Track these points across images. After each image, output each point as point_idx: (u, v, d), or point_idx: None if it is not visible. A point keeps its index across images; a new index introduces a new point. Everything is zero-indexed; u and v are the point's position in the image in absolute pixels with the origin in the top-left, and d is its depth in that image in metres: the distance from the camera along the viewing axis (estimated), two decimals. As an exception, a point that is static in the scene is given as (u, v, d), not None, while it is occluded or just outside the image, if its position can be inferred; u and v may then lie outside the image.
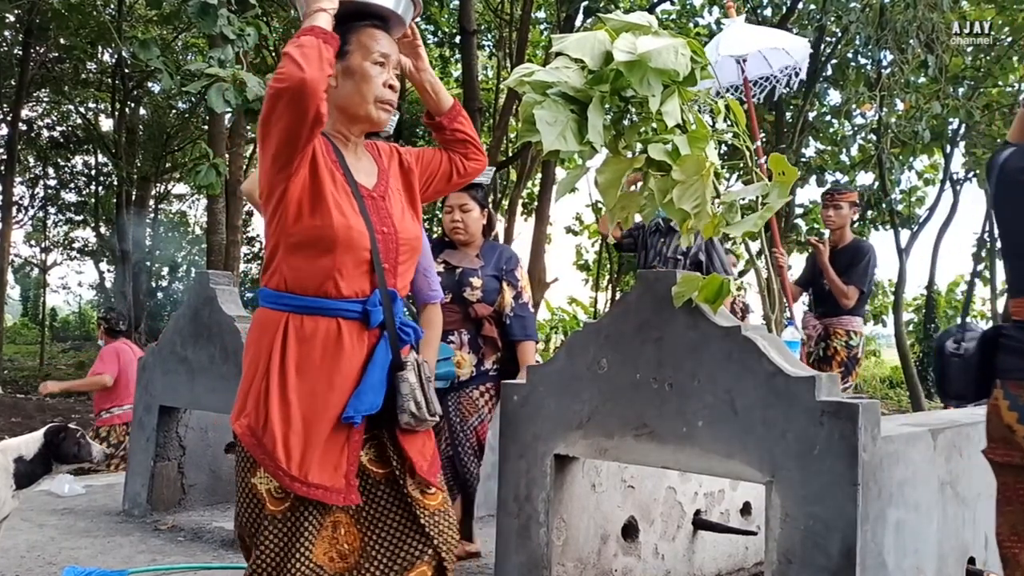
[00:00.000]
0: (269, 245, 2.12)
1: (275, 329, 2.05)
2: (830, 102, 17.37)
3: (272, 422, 1.99)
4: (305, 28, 1.96)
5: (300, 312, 2.06)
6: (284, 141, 1.96)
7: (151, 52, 6.66)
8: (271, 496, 2.02)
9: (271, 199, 2.06)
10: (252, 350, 2.10)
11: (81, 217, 24.26)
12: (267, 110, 1.94)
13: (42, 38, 17.64)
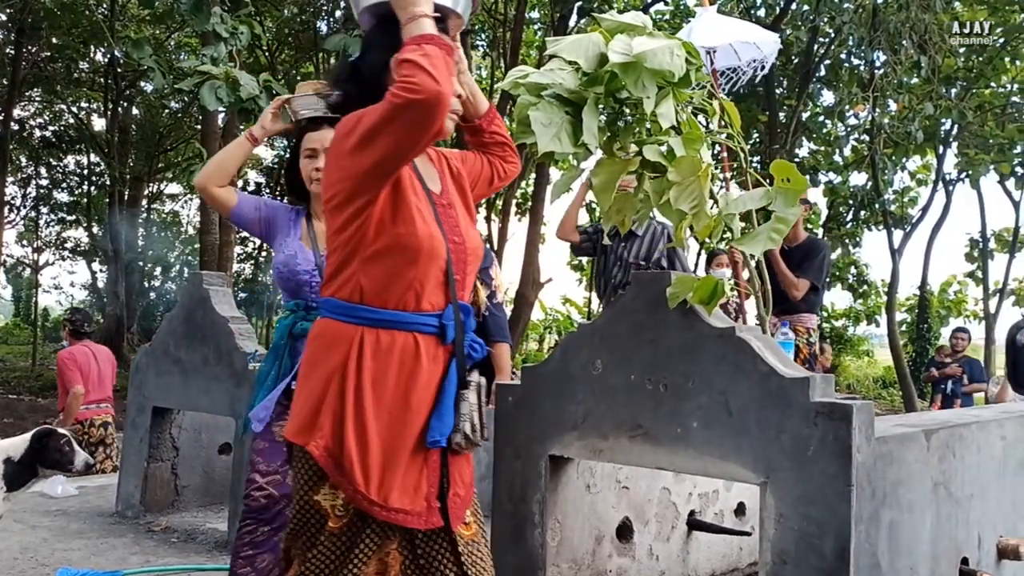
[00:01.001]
0: (340, 253, 2.00)
1: (348, 344, 1.94)
2: (823, 102, 17.44)
3: (349, 443, 1.90)
4: (422, 36, 1.85)
5: (376, 326, 1.95)
6: (396, 152, 1.87)
7: (144, 51, 6.65)
8: (334, 513, 1.94)
9: (348, 205, 1.94)
10: (322, 365, 1.97)
11: (73, 217, 24.21)
12: (385, 118, 1.82)
13: (34, 37, 17.60)
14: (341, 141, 1.93)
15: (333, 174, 1.97)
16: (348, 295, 1.98)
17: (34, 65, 18.69)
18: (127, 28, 16.52)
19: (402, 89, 1.77)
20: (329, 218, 2.03)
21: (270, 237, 2.90)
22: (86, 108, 21.90)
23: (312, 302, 2.78)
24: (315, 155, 2.78)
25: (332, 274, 2.02)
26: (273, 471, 2.78)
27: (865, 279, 22.94)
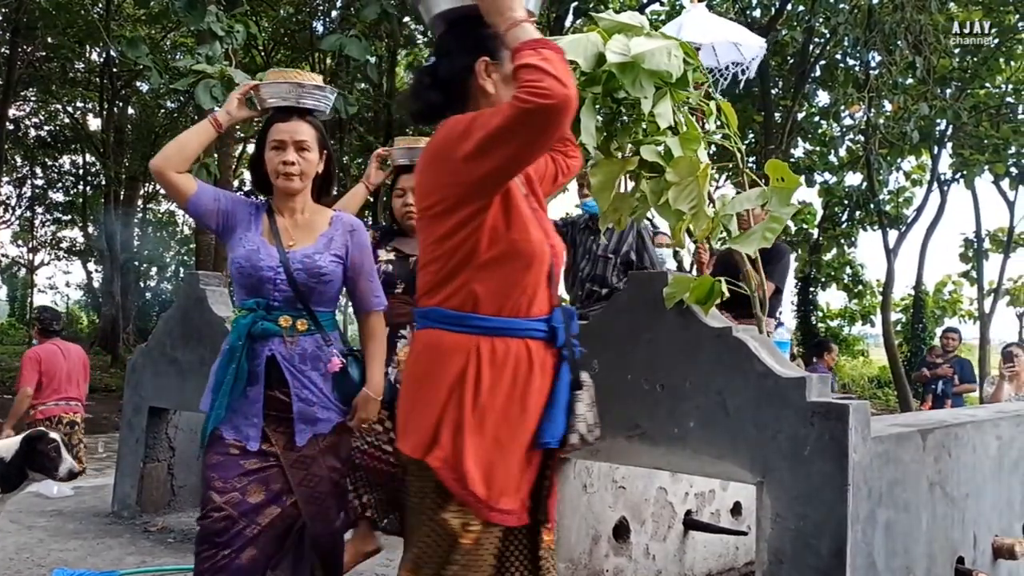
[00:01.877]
0: (444, 262, 1.95)
1: (465, 354, 1.90)
2: (819, 103, 17.45)
3: (467, 454, 1.87)
4: (535, 41, 1.81)
5: (491, 334, 1.92)
6: (517, 158, 1.85)
7: (139, 50, 6.64)
8: (464, 530, 1.90)
9: (455, 212, 1.90)
10: (437, 377, 1.92)
11: (69, 217, 24.18)
12: (511, 124, 1.78)
13: (29, 37, 17.56)
14: (450, 146, 1.87)
15: (436, 180, 1.92)
16: (459, 304, 1.93)
17: (29, 65, 18.65)
18: (123, 28, 16.49)
19: (531, 94, 1.74)
20: (427, 225, 1.97)
21: (227, 231, 2.67)
22: (81, 108, 21.87)
23: (274, 301, 2.58)
24: (283, 147, 2.60)
25: (437, 283, 1.96)
26: (231, 488, 2.53)
27: (860, 279, 22.97)
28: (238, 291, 2.64)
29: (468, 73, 1.98)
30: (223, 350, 2.62)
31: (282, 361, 2.56)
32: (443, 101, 2.01)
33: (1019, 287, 22.08)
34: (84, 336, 25.03)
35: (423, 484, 1.93)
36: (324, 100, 2.70)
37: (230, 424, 2.57)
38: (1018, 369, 7.22)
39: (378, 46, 14.98)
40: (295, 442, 2.55)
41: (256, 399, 2.57)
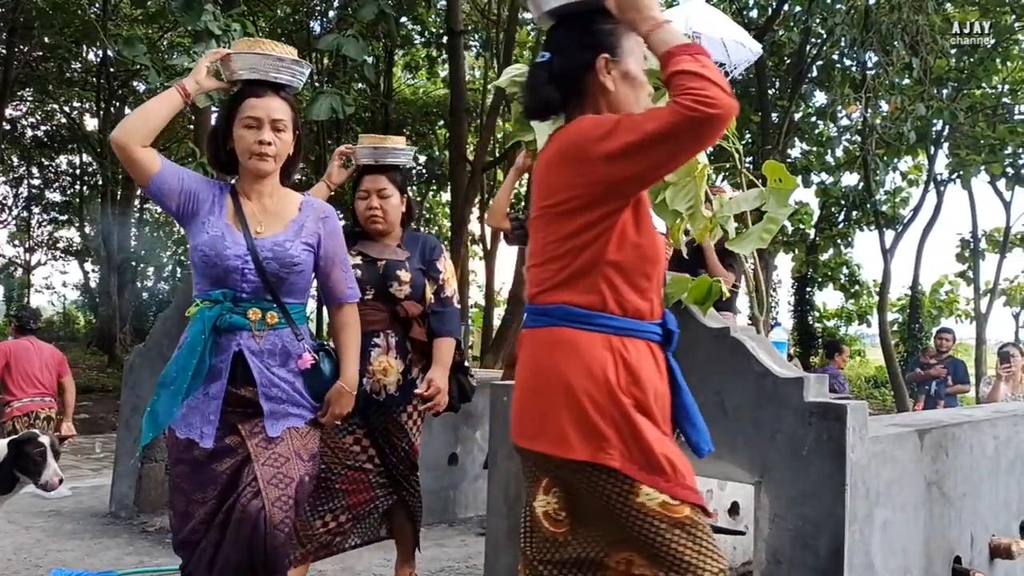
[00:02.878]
0: (569, 260, 1.91)
1: (604, 351, 1.88)
2: (815, 103, 17.47)
3: (651, 444, 1.84)
4: (688, 46, 1.81)
5: (622, 334, 1.90)
6: (667, 163, 1.85)
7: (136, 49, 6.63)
8: (666, 506, 1.85)
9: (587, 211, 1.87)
10: (577, 375, 1.87)
11: (65, 217, 24.14)
12: (673, 130, 1.75)
13: (26, 37, 17.54)
14: (588, 146, 1.84)
15: (568, 179, 1.89)
16: (587, 303, 1.90)
17: (26, 64, 18.62)
18: (119, 27, 16.47)
19: (697, 102, 1.72)
20: (549, 222, 1.94)
21: (188, 215, 2.45)
22: (78, 108, 21.83)
23: (242, 292, 2.42)
24: (259, 125, 2.43)
25: (562, 281, 1.92)
26: (210, 497, 2.40)
27: (857, 279, 23.01)
28: (200, 281, 2.47)
29: (587, 70, 1.96)
30: (183, 343, 2.46)
31: (250, 357, 2.42)
32: (560, 97, 1.99)
33: (1015, 287, 22.11)
34: (81, 336, 25.00)
35: (596, 480, 1.87)
36: (299, 75, 2.54)
37: (184, 422, 2.42)
38: (1014, 369, 7.24)
39: (375, 46, 14.98)
40: (266, 433, 2.42)
41: (216, 396, 2.42)
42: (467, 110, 14.10)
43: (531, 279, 2.01)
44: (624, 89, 1.97)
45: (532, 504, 1.97)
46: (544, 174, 1.97)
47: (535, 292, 1.98)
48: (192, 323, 2.43)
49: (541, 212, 1.97)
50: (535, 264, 1.99)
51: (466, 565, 4.11)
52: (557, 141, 1.95)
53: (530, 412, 1.95)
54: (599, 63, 1.95)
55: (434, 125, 19.53)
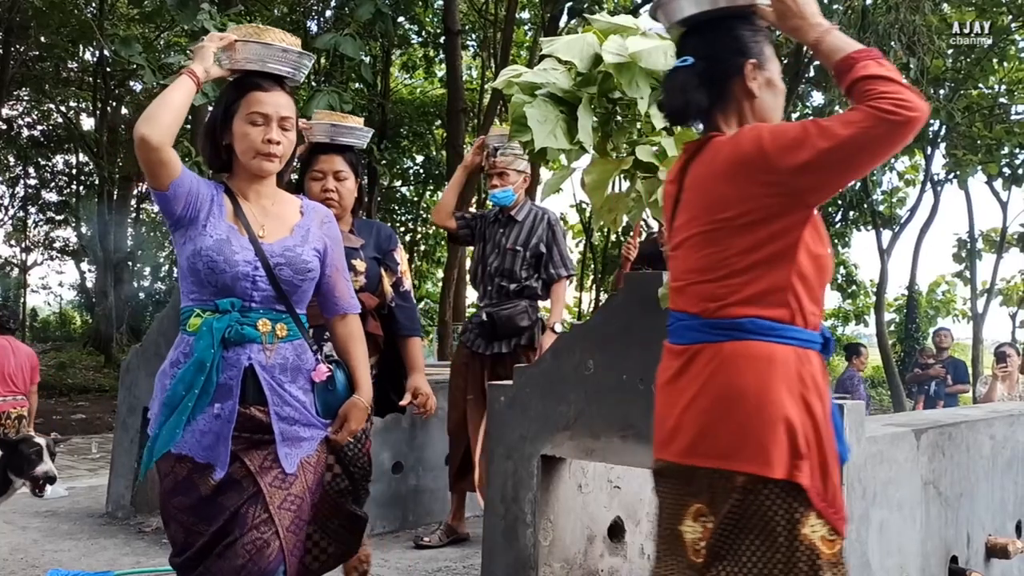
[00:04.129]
0: (763, 273, 1.87)
1: (791, 366, 1.85)
2: (813, 103, 17.47)
3: (830, 468, 1.85)
4: (868, 51, 1.81)
5: (805, 347, 1.88)
6: (858, 170, 1.84)
7: (133, 49, 6.64)
8: (824, 542, 1.82)
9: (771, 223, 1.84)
10: (771, 390, 1.83)
11: (62, 217, 24.09)
12: (871, 135, 1.73)
13: (23, 36, 17.51)
14: (766, 156, 1.81)
15: (746, 190, 1.85)
16: (778, 317, 1.86)
17: (22, 64, 18.59)
18: (116, 27, 16.45)
19: (898, 106, 1.70)
20: (728, 236, 1.88)
21: (188, 219, 2.22)
22: (75, 107, 21.79)
23: (252, 301, 2.22)
24: (266, 122, 2.25)
25: (750, 295, 1.87)
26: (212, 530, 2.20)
27: (854, 279, 23.02)
28: (197, 290, 2.24)
29: (735, 75, 1.95)
30: (182, 359, 2.22)
31: (261, 372, 2.21)
32: (709, 102, 1.96)
33: (1012, 287, 22.14)
34: (77, 336, 24.96)
35: (784, 503, 1.81)
36: (303, 68, 2.39)
37: (198, 446, 2.18)
38: (1011, 369, 7.25)
39: (372, 46, 14.98)
40: (281, 467, 2.22)
41: (229, 418, 2.19)
42: (464, 110, 14.09)
43: (702, 294, 1.92)
44: (767, 96, 1.98)
45: (678, 528, 1.91)
46: (710, 186, 1.91)
47: (714, 307, 1.89)
48: (198, 336, 2.19)
49: (717, 225, 1.89)
50: (708, 279, 1.91)
51: (464, 565, 4.11)
52: (719, 151, 1.90)
53: (718, 429, 1.86)
54: (747, 69, 1.94)
55: (431, 125, 19.51)
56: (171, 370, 2.24)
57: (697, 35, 2.01)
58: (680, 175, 2.00)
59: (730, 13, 1.96)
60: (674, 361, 1.98)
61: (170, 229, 2.28)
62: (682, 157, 2.03)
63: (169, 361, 2.27)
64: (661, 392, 2.03)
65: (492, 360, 4.48)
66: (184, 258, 2.24)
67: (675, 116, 2.06)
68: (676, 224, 2.00)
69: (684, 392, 1.92)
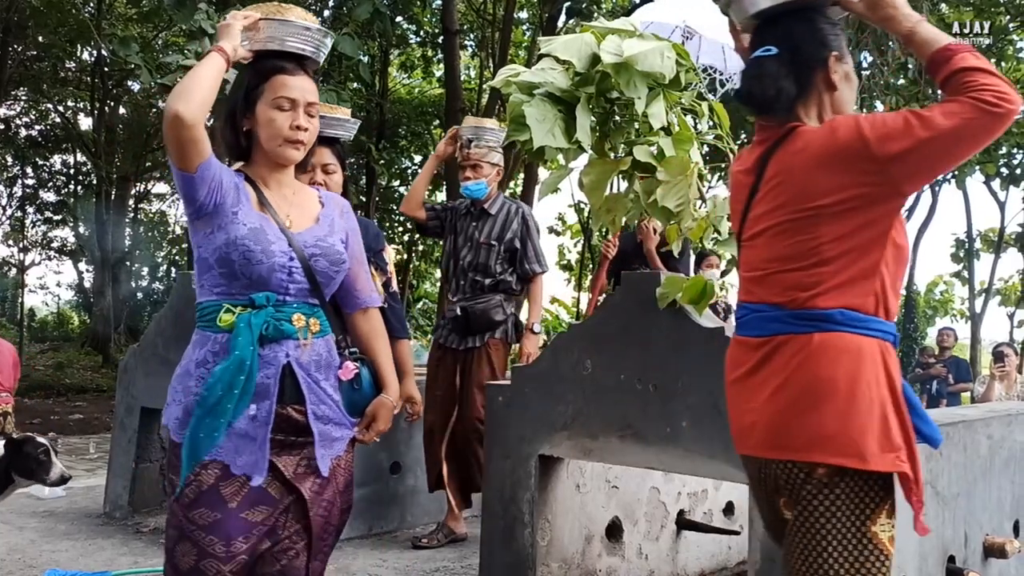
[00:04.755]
0: (852, 262, 1.87)
1: (877, 357, 1.86)
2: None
3: (917, 458, 1.86)
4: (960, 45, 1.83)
5: (884, 338, 1.89)
6: (955, 159, 1.85)
7: (130, 48, 6.62)
8: (891, 541, 1.86)
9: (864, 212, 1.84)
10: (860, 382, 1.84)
11: (60, 217, 24.08)
12: (973, 126, 1.76)
13: (20, 36, 17.50)
14: (875, 144, 1.81)
15: (842, 179, 1.85)
16: (864, 307, 1.87)
17: (20, 64, 18.57)
18: (114, 26, 16.44)
19: (999, 98, 1.74)
20: (818, 224, 1.87)
21: (212, 206, 2.07)
22: (72, 107, 21.76)
23: (287, 295, 2.10)
24: (294, 107, 2.13)
25: (838, 284, 1.87)
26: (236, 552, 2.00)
27: (852, 279, 23.05)
28: (227, 283, 2.08)
29: (819, 67, 1.97)
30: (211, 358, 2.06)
31: (298, 370, 2.09)
32: (797, 91, 1.97)
33: (1010, 287, 22.17)
34: (75, 336, 24.95)
35: (856, 495, 1.83)
36: (324, 49, 2.27)
37: (234, 453, 2.03)
38: (1008, 369, 7.27)
39: (371, 45, 14.98)
40: (317, 471, 2.11)
41: (267, 420, 2.05)
42: (462, 110, 14.07)
43: (788, 283, 1.91)
44: (846, 89, 2.00)
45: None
46: (802, 174, 1.90)
47: (803, 296, 1.88)
48: (236, 333, 2.03)
49: (803, 213, 1.89)
50: (796, 268, 1.90)
51: (462, 565, 4.11)
52: (811, 140, 1.90)
53: (803, 421, 1.85)
54: (831, 61, 1.97)
55: (429, 125, 19.51)
56: (197, 371, 2.07)
57: (778, 26, 2.01)
58: (758, 165, 1.99)
59: (809, 5, 1.98)
60: (751, 354, 1.95)
61: (189, 217, 2.11)
62: (759, 147, 2.02)
63: (194, 361, 2.09)
64: (735, 387, 2.01)
65: (464, 355, 4.42)
66: (211, 248, 2.07)
67: (762, 104, 2.03)
68: (753, 214, 1.99)
69: (764, 385, 1.91)
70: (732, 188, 2.12)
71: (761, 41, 2.01)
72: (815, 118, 1.97)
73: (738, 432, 1.99)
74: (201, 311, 2.12)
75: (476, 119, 4.71)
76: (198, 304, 2.13)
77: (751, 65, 2.03)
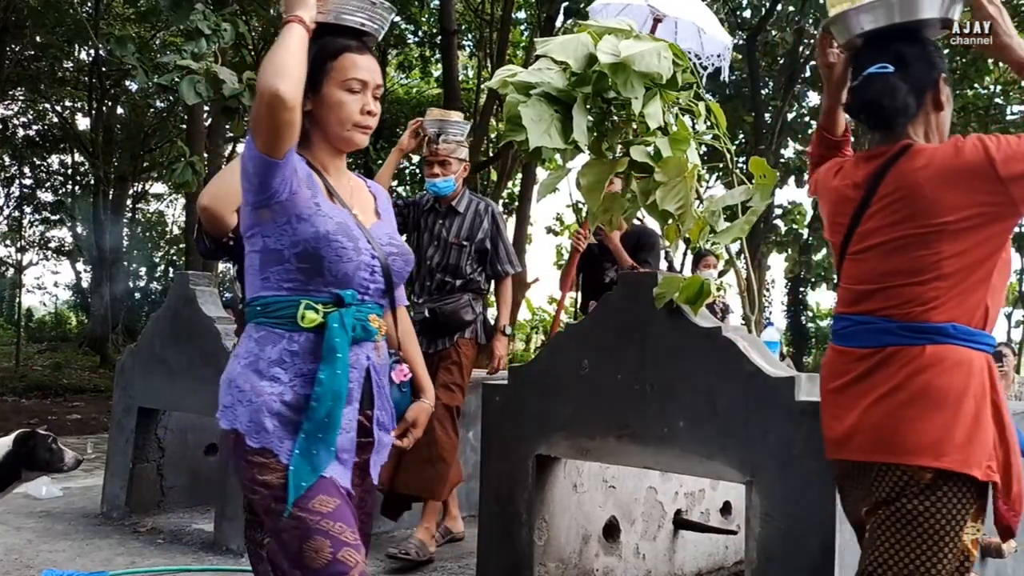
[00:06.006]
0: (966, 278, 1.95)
1: (981, 370, 1.96)
2: (809, 103, 17.51)
3: (1014, 468, 1.94)
4: None
5: (988, 351, 2.00)
6: None
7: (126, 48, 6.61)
8: (974, 543, 1.95)
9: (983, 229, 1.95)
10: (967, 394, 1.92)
11: (57, 217, 24.05)
12: None
13: (18, 36, 17.47)
14: (1001, 164, 1.90)
15: (965, 197, 1.93)
16: (973, 322, 1.97)
17: (17, 63, 18.54)
18: (112, 26, 16.42)
19: None
20: (940, 240, 1.94)
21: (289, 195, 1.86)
22: (70, 107, 21.74)
23: (366, 294, 1.95)
24: (364, 89, 1.97)
25: (952, 299, 1.95)
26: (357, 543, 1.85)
27: (850, 279, 23.06)
28: (306, 278, 1.89)
29: (932, 87, 2.06)
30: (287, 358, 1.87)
31: (374, 374, 1.98)
32: (916, 107, 2.06)
33: (1009, 287, 22.19)
34: (73, 336, 24.92)
35: (954, 499, 1.91)
36: (385, 24, 2.09)
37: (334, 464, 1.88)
38: (1007, 369, 7.26)
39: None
40: (370, 477, 2.03)
41: (351, 427, 1.92)
42: (460, 110, 14.10)
43: (906, 296, 1.98)
44: (948, 109, 2.10)
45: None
46: (922, 191, 1.96)
47: (920, 310, 1.96)
48: (333, 334, 1.86)
49: (925, 229, 1.95)
50: (914, 282, 1.97)
51: (459, 565, 4.11)
52: (931, 158, 1.97)
53: (911, 428, 1.93)
54: (940, 81, 2.06)
55: (428, 125, 19.51)
56: (271, 370, 1.87)
57: (889, 46, 2.08)
58: (870, 180, 2.05)
59: (915, 26, 2.06)
60: (856, 365, 2.03)
61: (252, 205, 1.88)
62: (869, 163, 2.08)
63: (266, 360, 1.88)
64: (834, 394, 2.08)
65: (433, 358, 4.19)
66: (289, 241, 1.87)
67: (887, 119, 2.09)
68: (863, 228, 2.05)
69: (869, 393, 1.99)
70: (832, 201, 2.18)
71: (871, 59, 2.08)
72: (922, 136, 2.05)
73: (835, 437, 2.06)
74: (266, 306, 1.91)
75: (441, 111, 4.51)
76: (258, 298, 1.92)
77: (872, 81, 2.08)
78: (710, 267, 6.57)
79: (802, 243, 20.98)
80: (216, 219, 2.37)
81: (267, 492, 1.83)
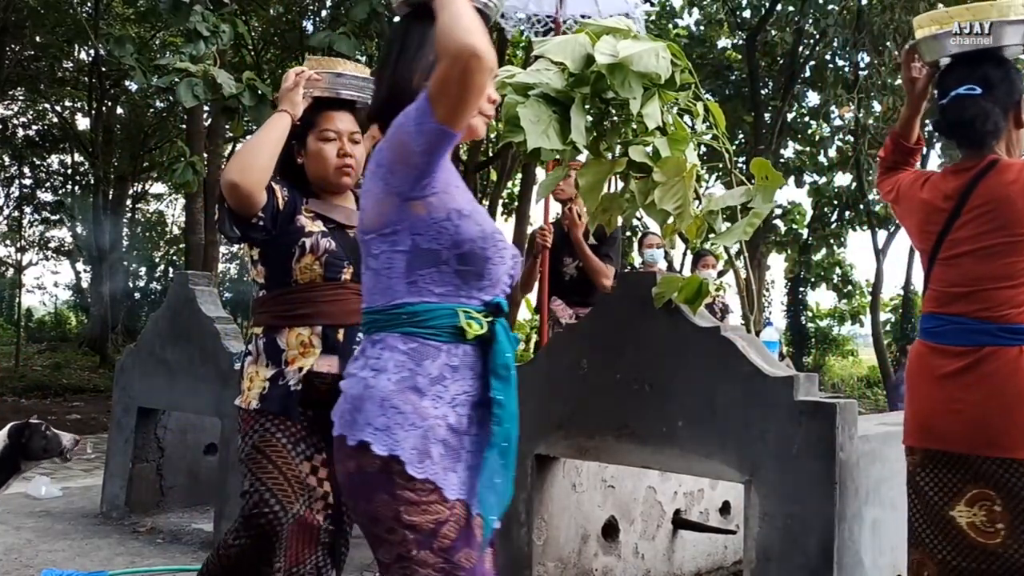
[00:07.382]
0: None
1: None
2: (808, 104, 17.52)
3: None
4: None
5: None
6: None
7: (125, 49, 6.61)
8: None
9: None
10: None
11: (57, 217, 24.05)
12: None
13: (18, 36, 17.47)
14: None
15: None
16: None
17: (17, 64, 18.53)
18: (111, 27, 16.42)
19: None
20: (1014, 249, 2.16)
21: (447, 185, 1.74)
22: (70, 107, 21.74)
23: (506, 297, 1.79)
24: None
25: None
26: None
27: (849, 279, 23.05)
28: (460, 283, 1.69)
29: (1013, 107, 2.24)
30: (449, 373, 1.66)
31: None
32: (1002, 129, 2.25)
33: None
34: (72, 337, 24.92)
35: None
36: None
37: None
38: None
39: (368, 45, 14.96)
40: None
41: None
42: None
43: (1000, 299, 2.17)
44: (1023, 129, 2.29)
45: (949, 513, 2.17)
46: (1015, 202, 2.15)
47: (1015, 312, 2.15)
48: (502, 347, 1.68)
49: (1018, 237, 2.15)
50: (1008, 286, 2.17)
51: (458, 565, 4.11)
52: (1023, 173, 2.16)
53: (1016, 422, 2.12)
54: (1022, 101, 2.24)
55: (427, 125, 19.48)
56: (434, 388, 1.65)
57: (976, 68, 2.24)
58: (960, 192, 2.22)
59: (998, 50, 2.22)
60: (952, 361, 2.19)
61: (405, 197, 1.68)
62: (958, 176, 2.26)
63: (428, 377, 1.65)
64: (929, 387, 2.25)
65: None
66: (451, 240, 1.68)
67: (976, 140, 2.26)
68: (954, 236, 2.23)
69: (967, 390, 2.16)
70: (921, 211, 2.34)
71: (959, 80, 2.25)
72: (1004, 151, 2.24)
73: (921, 427, 2.25)
74: (414, 314, 1.67)
75: None
76: (405, 305, 1.68)
77: (964, 103, 2.24)
78: (709, 267, 6.56)
79: (802, 243, 20.97)
80: (246, 196, 2.24)
81: (411, 536, 1.59)
